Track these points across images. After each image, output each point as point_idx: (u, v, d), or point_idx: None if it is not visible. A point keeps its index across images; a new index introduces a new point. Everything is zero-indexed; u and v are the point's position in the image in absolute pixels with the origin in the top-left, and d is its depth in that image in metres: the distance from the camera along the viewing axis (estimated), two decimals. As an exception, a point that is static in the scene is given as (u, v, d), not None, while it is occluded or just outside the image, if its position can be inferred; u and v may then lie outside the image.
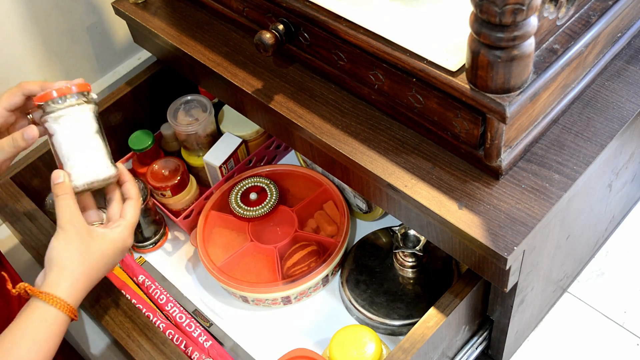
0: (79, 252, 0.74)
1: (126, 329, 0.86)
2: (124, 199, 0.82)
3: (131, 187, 0.83)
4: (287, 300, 1.03)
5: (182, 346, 0.94)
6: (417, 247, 0.99)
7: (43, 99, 0.77)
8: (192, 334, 0.96)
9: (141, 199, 0.85)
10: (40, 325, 0.71)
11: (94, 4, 1.14)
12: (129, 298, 0.98)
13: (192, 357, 0.92)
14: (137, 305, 0.97)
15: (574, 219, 0.88)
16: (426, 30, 0.74)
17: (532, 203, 0.73)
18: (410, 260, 1.00)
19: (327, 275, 1.03)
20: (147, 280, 1.03)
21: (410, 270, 1.01)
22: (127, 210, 0.81)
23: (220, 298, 1.07)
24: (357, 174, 0.83)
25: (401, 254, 1.01)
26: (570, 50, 0.71)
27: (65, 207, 0.76)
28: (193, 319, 0.99)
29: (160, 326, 0.95)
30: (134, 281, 1.04)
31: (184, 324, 0.98)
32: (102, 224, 0.81)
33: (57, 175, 0.78)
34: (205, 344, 0.95)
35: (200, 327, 0.98)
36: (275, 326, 1.03)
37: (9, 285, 0.91)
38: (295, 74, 0.90)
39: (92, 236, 0.76)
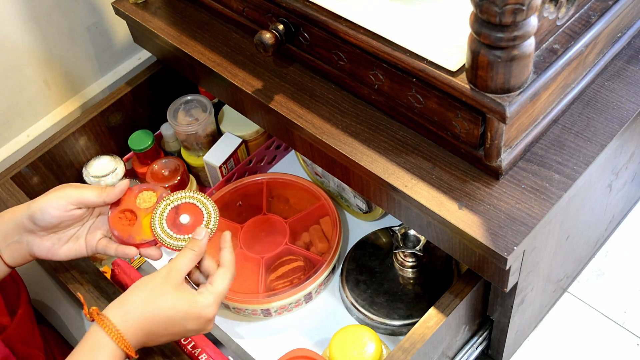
0: (151, 292, 0.72)
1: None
2: (219, 265, 0.78)
3: (226, 254, 0.78)
4: (267, 313, 1.01)
5: (189, 347, 0.93)
6: (417, 247, 0.99)
7: None
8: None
9: (233, 270, 0.77)
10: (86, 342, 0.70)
11: (94, 4, 1.14)
12: None
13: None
14: None
15: (574, 219, 0.88)
16: (426, 30, 0.74)
17: (532, 203, 0.73)
18: (410, 260, 1.00)
19: (310, 293, 1.02)
20: None
21: (410, 270, 1.01)
22: (217, 279, 0.75)
23: (220, 298, 1.06)
24: (357, 174, 0.83)
25: (401, 254, 1.01)
26: (570, 50, 0.71)
27: (182, 258, 0.75)
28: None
29: None
30: None
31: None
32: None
33: (200, 232, 0.78)
34: (205, 344, 0.95)
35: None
36: (275, 326, 1.03)
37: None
38: (295, 74, 0.90)
39: (176, 288, 0.72)
